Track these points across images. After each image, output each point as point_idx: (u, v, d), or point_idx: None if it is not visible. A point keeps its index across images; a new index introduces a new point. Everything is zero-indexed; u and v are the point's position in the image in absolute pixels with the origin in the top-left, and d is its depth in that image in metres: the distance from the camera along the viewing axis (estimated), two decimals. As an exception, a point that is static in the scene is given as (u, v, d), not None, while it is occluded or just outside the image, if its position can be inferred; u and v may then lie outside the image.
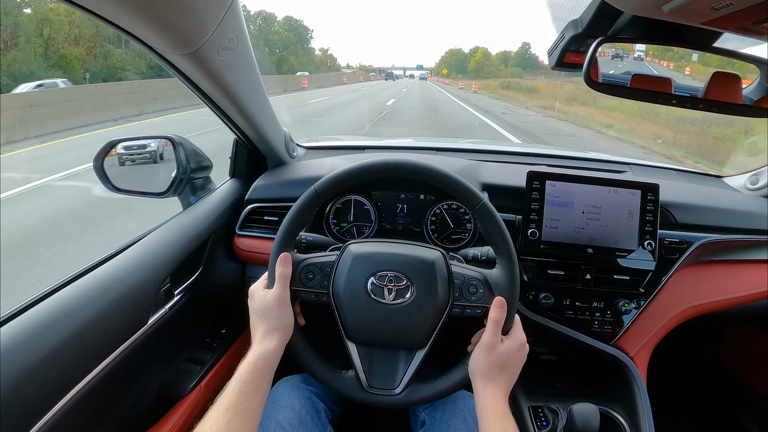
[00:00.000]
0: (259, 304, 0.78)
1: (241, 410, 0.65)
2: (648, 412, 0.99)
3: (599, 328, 1.06)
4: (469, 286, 0.79)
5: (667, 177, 1.40)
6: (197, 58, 0.76)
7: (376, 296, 0.77)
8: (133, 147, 1.17)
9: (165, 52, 0.75)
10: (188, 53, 0.74)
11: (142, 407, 0.92)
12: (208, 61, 0.79)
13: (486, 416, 0.71)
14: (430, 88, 39.54)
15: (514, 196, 1.09)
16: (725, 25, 0.60)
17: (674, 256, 1.09)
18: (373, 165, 0.81)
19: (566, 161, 1.44)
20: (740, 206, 1.21)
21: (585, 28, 0.76)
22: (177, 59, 0.78)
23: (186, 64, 0.79)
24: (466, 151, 1.51)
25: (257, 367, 0.71)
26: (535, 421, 1.01)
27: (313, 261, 0.81)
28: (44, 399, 0.66)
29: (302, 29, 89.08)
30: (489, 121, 13.32)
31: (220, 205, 1.17)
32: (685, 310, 1.09)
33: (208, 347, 1.12)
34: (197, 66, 0.79)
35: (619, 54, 0.90)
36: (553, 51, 0.83)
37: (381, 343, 0.81)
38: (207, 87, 0.89)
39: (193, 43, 0.72)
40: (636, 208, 1.03)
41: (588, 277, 1.05)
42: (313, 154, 1.47)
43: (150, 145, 1.22)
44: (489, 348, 0.74)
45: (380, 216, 1.19)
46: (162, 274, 0.93)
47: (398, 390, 0.79)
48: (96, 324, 0.76)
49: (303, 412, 0.88)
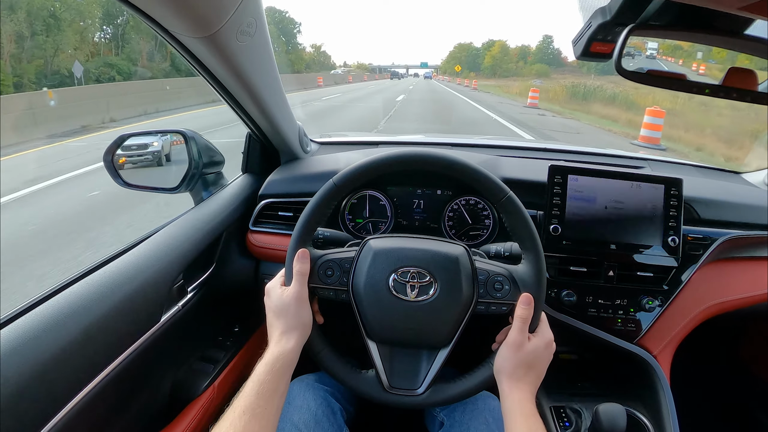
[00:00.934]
0: (277, 302, 0.75)
1: (258, 413, 0.63)
2: (672, 411, 0.97)
3: (622, 326, 1.03)
4: (494, 283, 0.76)
5: (685, 172, 1.37)
6: (215, 42, 0.74)
7: (398, 293, 0.75)
8: (133, 147, 1.11)
9: (181, 35, 0.72)
10: (206, 36, 0.72)
11: (154, 407, 0.90)
12: (225, 46, 0.76)
13: (513, 417, 0.68)
14: (438, 91, 29.30)
15: (534, 191, 1.06)
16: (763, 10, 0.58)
17: (698, 252, 1.06)
18: (394, 157, 0.79)
19: (584, 156, 1.42)
20: (762, 202, 1.19)
21: (614, 15, 0.73)
22: (193, 43, 0.75)
23: (202, 48, 0.77)
24: (482, 147, 1.49)
25: (275, 368, 0.69)
26: (558, 422, 0.98)
27: (332, 257, 0.79)
28: (54, 399, 0.64)
29: (287, 22, 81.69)
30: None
31: (233, 200, 1.15)
32: (709, 308, 1.07)
33: (222, 346, 1.10)
34: (214, 51, 0.77)
35: (630, 52, 0.88)
36: (578, 40, 0.81)
37: (403, 341, 0.78)
38: (222, 74, 0.87)
39: (211, 25, 0.70)
40: (659, 203, 1.00)
41: (611, 274, 1.02)
42: (326, 149, 1.45)
43: (153, 144, 1.16)
44: (516, 346, 0.72)
45: (396, 212, 1.17)
46: (175, 271, 0.91)
47: (420, 390, 0.76)
48: (107, 322, 0.74)
49: (319, 413, 0.86)
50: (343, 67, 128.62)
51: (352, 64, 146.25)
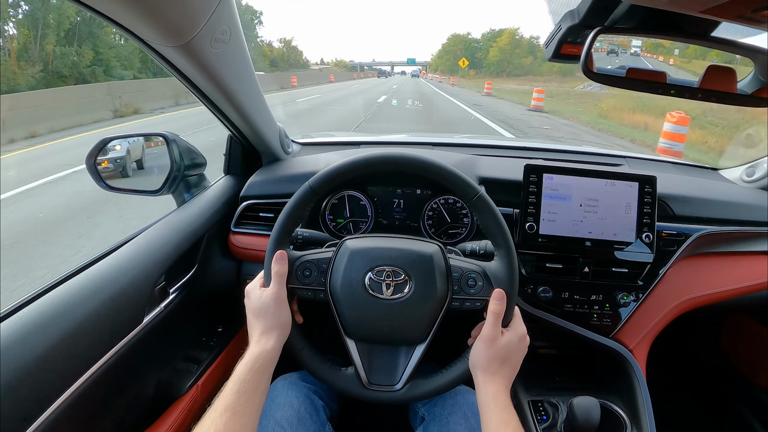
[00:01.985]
0: (256, 303, 0.77)
1: (239, 411, 0.64)
2: (648, 404, 0.99)
3: (598, 321, 1.05)
4: (468, 279, 0.78)
5: (663, 170, 1.40)
6: (189, 50, 0.75)
7: (374, 292, 0.76)
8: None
9: (156, 44, 0.74)
10: (180, 45, 0.73)
11: (138, 407, 0.91)
12: (200, 54, 0.78)
13: (488, 409, 0.70)
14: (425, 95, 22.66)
15: (511, 189, 1.08)
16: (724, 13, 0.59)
17: (672, 248, 1.08)
18: (367, 159, 0.80)
19: (563, 155, 1.44)
20: (737, 198, 1.21)
21: (582, 18, 0.75)
22: (168, 51, 0.76)
23: (178, 56, 0.78)
24: (462, 146, 1.51)
25: (255, 366, 0.70)
26: (536, 416, 1.00)
27: (309, 258, 0.80)
28: (38, 401, 0.65)
29: (242, 10, 62.55)
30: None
31: (215, 202, 1.16)
32: (683, 302, 1.09)
33: (205, 346, 1.11)
34: (189, 59, 0.78)
35: (615, 50, 0.89)
36: (549, 42, 0.83)
37: (380, 339, 0.80)
38: (199, 80, 0.88)
39: (184, 34, 0.71)
40: (633, 200, 1.02)
41: (586, 270, 1.04)
42: (307, 150, 1.45)
43: (116, 148, 1.10)
44: (490, 341, 0.74)
45: (377, 211, 1.18)
46: (157, 273, 0.92)
47: (399, 386, 0.78)
48: (90, 324, 0.75)
49: (301, 410, 0.87)
50: (320, 64, 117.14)
51: (330, 61, 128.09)
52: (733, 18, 0.61)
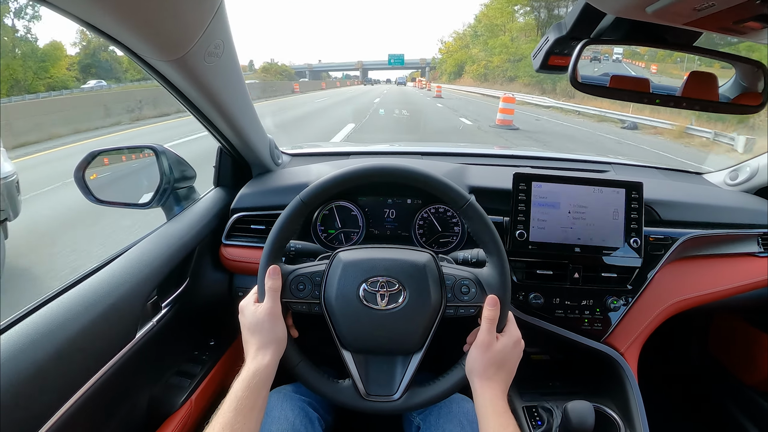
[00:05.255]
0: (251, 319, 0.76)
1: (237, 429, 0.64)
2: (641, 406, 1.00)
3: (589, 326, 1.07)
4: (461, 287, 0.79)
5: (649, 175, 1.42)
6: (183, 64, 0.75)
7: (369, 303, 0.77)
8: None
9: (150, 58, 0.73)
10: (174, 59, 0.73)
11: (132, 423, 0.89)
12: (194, 68, 0.78)
13: (485, 415, 0.71)
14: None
15: (500, 198, 1.09)
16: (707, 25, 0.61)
17: (660, 252, 1.10)
18: (358, 171, 0.80)
19: (550, 162, 1.46)
20: (722, 201, 1.24)
21: (569, 30, 0.76)
22: (162, 66, 0.76)
23: (171, 70, 0.77)
24: (452, 155, 1.52)
25: (252, 383, 0.69)
26: (530, 421, 1.01)
27: (302, 271, 0.80)
28: (32, 417, 0.63)
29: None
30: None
31: (206, 214, 1.15)
32: (672, 305, 1.11)
33: (198, 360, 1.10)
34: (183, 73, 0.78)
35: (597, 57, 0.91)
36: (537, 54, 0.84)
37: (376, 349, 0.80)
38: (192, 94, 0.88)
39: (179, 49, 0.71)
40: (621, 206, 1.04)
41: (576, 276, 1.06)
42: (297, 161, 1.45)
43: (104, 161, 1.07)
44: (485, 346, 0.74)
45: (368, 222, 1.19)
46: (148, 287, 0.91)
47: (397, 396, 0.78)
48: (82, 340, 0.74)
49: (297, 423, 0.86)
50: (248, 71, 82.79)
51: (259, 67, 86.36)
52: (716, 29, 0.63)
